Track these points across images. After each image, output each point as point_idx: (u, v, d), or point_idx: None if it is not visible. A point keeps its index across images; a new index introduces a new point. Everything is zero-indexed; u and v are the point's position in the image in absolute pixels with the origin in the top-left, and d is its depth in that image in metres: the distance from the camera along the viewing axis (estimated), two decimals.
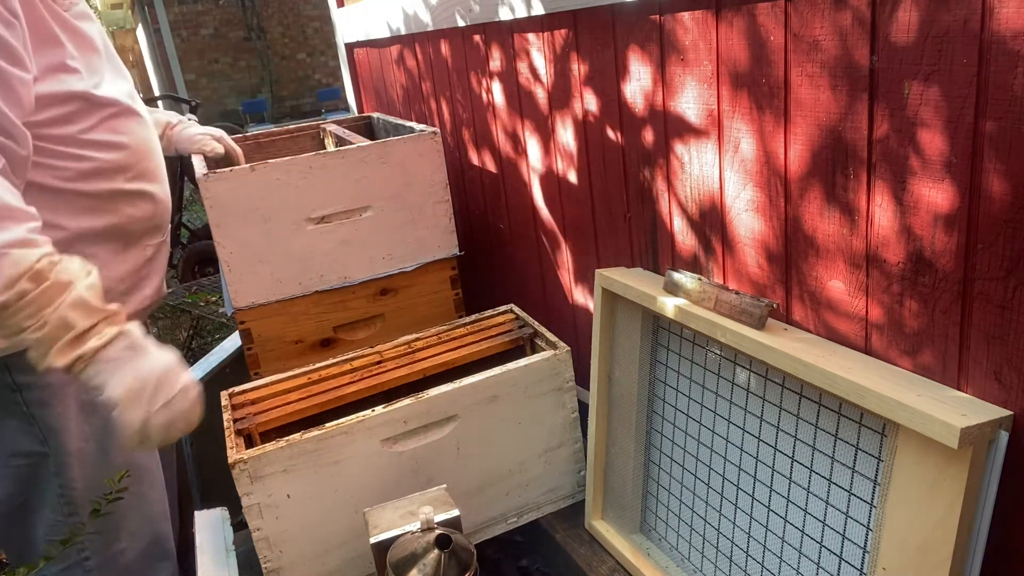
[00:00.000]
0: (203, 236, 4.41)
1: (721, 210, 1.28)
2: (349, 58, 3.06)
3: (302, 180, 1.67)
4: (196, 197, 5.85)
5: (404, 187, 1.78)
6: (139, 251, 1.45)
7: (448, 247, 1.87)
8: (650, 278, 1.41)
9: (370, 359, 1.62)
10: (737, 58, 1.16)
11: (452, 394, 1.43)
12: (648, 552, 1.46)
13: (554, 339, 1.56)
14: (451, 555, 1.12)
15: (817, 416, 1.09)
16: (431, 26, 2.11)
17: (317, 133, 2.41)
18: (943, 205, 0.92)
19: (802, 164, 1.09)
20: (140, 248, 1.45)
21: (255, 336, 1.74)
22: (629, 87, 1.42)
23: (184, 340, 3.23)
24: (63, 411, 1.35)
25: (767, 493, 1.20)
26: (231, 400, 1.52)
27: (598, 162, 1.58)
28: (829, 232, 1.08)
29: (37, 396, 1.33)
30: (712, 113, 1.23)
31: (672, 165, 1.37)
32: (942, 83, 0.88)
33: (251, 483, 1.30)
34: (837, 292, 1.09)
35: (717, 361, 1.27)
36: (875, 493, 1.01)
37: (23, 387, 1.31)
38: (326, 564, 1.39)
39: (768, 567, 1.21)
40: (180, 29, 11.30)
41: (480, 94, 2.01)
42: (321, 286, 1.76)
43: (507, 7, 1.70)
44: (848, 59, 0.98)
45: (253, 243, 1.66)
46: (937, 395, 0.93)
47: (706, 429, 1.31)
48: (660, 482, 1.45)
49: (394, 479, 1.41)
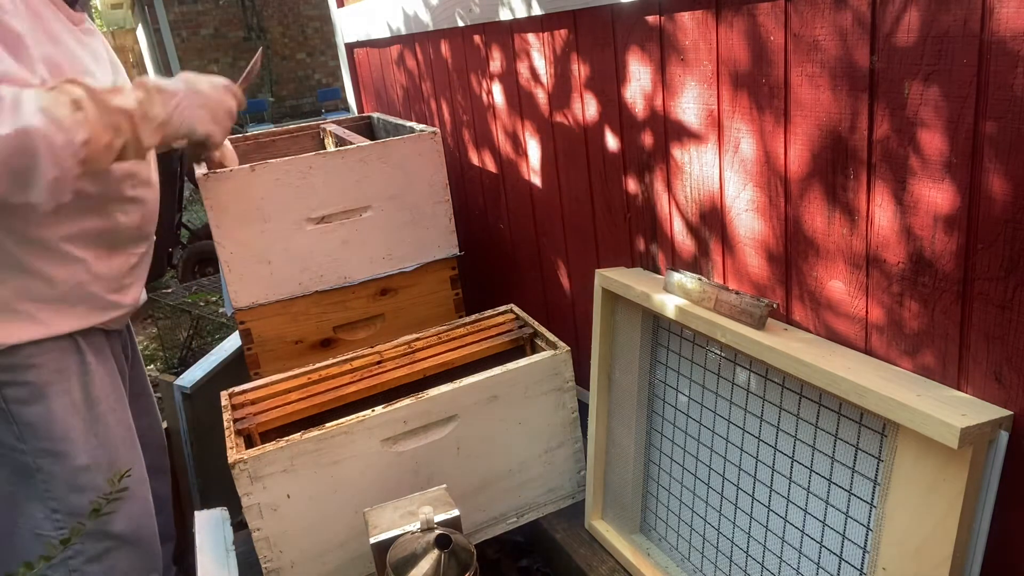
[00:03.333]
0: (203, 236, 4.41)
1: (721, 210, 1.28)
2: (349, 58, 3.06)
3: (302, 180, 1.67)
4: (196, 197, 5.86)
5: (404, 187, 1.78)
6: (124, 258, 1.46)
7: (448, 247, 1.86)
8: (650, 278, 1.41)
9: (370, 359, 1.62)
10: (737, 58, 1.16)
11: (452, 394, 1.43)
12: (648, 552, 1.46)
13: (554, 339, 1.56)
14: (451, 555, 1.12)
15: (817, 416, 1.09)
16: (431, 26, 2.12)
17: (317, 133, 2.41)
18: (943, 205, 0.92)
19: (802, 164, 1.10)
20: (125, 255, 1.46)
21: (255, 336, 1.74)
22: (629, 87, 1.42)
23: (184, 340, 3.23)
24: (44, 411, 1.35)
25: (767, 493, 1.20)
26: (231, 400, 1.52)
27: (598, 162, 1.58)
28: (829, 232, 1.08)
29: (17, 394, 1.33)
30: (712, 113, 1.23)
31: (672, 165, 1.37)
32: (942, 83, 0.88)
33: (251, 483, 1.30)
34: (837, 292, 1.09)
35: (717, 361, 1.27)
36: (875, 493, 1.01)
37: (3, 384, 1.32)
38: (326, 564, 1.39)
39: (768, 567, 1.21)
40: (180, 29, 11.30)
41: (480, 94, 2.01)
42: (321, 286, 1.76)
43: (507, 7, 1.70)
44: (848, 59, 0.98)
45: (253, 243, 1.66)
46: (937, 395, 0.93)
47: (706, 429, 1.31)
48: (660, 482, 1.45)
49: (394, 479, 1.41)
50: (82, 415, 1.39)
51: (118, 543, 1.46)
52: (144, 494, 1.53)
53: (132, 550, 1.49)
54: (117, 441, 1.46)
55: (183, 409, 1.99)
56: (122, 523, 1.45)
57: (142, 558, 1.51)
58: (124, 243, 1.45)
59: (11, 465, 1.38)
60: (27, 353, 1.32)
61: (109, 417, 1.44)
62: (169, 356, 3.26)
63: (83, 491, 1.40)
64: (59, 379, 1.36)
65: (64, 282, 1.34)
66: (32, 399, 1.34)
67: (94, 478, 1.41)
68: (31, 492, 1.39)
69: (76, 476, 1.39)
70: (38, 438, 1.35)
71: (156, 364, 3.43)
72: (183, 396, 1.98)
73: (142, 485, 1.52)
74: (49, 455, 1.37)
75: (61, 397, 1.36)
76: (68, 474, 1.39)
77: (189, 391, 1.98)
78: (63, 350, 1.37)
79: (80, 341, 1.39)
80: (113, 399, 1.46)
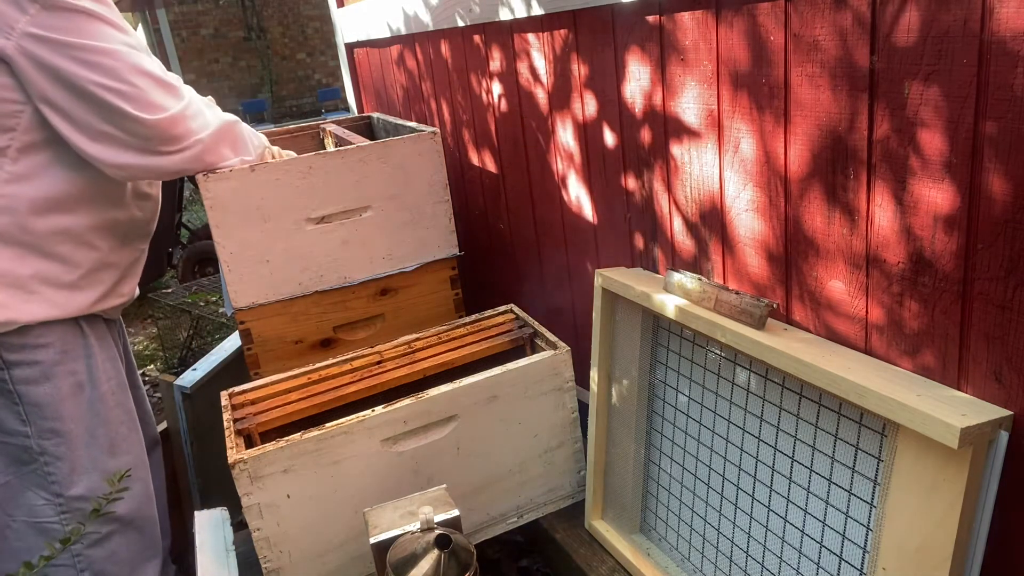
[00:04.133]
0: (203, 236, 4.41)
1: (721, 210, 1.28)
2: (349, 58, 3.06)
3: (302, 180, 1.67)
4: (196, 197, 5.85)
5: (404, 187, 1.78)
6: (129, 252, 1.56)
7: (448, 247, 1.86)
8: (650, 278, 1.41)
9: (370, 359, 1.62)
10: (737, 58, 1.16)
11: (452, 394, 1.43)
12: (648, 552, 1.46)
13: (554, 339, 1.56)
14: (451, 555, 1.12)
15: (817, 416, 1.09)
16: (431, 26, 2.11)
17: (317, 133, 2.41)
18: (943, 205, 0.92)
19: (802, 164, 1.09)
20: (131, 249, 1.56)
21: (255, 336, 1.73)
22: (629, 87, 1.42)
23: (184, 340, 3.23)
24: (52, 390, 1.41)
25: (767, 493, 1.20)
26: (231, 400, 1.52)
27: (598, 162, 1.58)
28: (829, 232, 1.08)
29: (25, 373, 1.39)
30: (712, 113, 1.23)
31: (672, 165, 1.37)
32: (942, 83, 0.88)
33: (251, 483, 1.30)
34: (837, 292, 1.09)
35: (717, 361, 1.27)
36: (875, 493, 1.01)
37: (12, 364, 1.38)
38: (326, 564, 1.39)
39: (768, 567, 1.21)
40: (180, 29, 11.29)
41: (480, 94, 2.01)
42: (321, 286, 1.76)
43: (507, 7, 1.70)
44: (848, 59, 0.98)
45: (253, 243, 1.66)
46: (937, 395, 0.93)
47: (706, 429, 1.31)
48: (660, 482, 1.45)
49: (394, 479, 1.41)
50: (87, 396, 1.46)
51: (120, 526, 1.50)
52: (144, 476, 1.58)
53: (134, 534, 1.53)
54: (118, 423, 1.51)
55: (183, 409, 1.99)
56: (124, 506, 1.48)
57: (143, 542, 1.56)
58: (134, 237, 1.56)
59: (10, 453, 1.42)
60: (37, 333, 1.39)
61: (110, 400, 1.50)
62: (169, 356, 3.26)
63: (86, 472, 1.45)
64: (66, 360, 1.42)
65: (80, 268, 1.43)
66: (40, 379, 1.40)
67: (97, 459, 1.46)
68: (31, 480, 1.43)
69: (80, 456, 1.44)
70: (44, 418, 1.41)
71: (156, 364, 3.43)
72: (183, 396, 1.99)
73: (142, 468, 1.57)
74: (54, 435, 1.42)
75: (67, 378, 1.43)
76: (72, 455, 1.43)
77: (189, 391, 1.99)
78: (71, 332, 1.44)
79: (84, 326, 1.46)
80: (115, 383, 1.52)
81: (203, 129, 1.46)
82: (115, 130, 1.33)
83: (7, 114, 1.31)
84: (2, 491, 1.43)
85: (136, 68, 1.34)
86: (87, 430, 1.45)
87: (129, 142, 1.35)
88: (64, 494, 1.44)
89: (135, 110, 1.33)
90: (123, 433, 1.52)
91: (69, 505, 1.44)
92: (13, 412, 1.40)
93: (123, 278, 1.55)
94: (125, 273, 1.56)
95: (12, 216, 1.34)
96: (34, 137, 1.34)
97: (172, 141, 1.40)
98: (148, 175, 1.46)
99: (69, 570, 1.46)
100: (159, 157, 1.39)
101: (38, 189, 1.36)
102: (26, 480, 1.43)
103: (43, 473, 1.43)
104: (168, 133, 1.38)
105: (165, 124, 1.37)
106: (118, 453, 1.50)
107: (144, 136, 1.35)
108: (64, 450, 1.43)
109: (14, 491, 1.43)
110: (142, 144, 1.36)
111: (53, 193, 1.37)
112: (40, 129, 1.34)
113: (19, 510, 1.43)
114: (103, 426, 1.48)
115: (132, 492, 1.50)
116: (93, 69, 1.29)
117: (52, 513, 1.44)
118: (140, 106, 1.33)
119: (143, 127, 1.34)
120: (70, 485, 1.44)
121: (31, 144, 1.34)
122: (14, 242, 1.35)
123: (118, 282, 1.53)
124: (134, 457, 1.54)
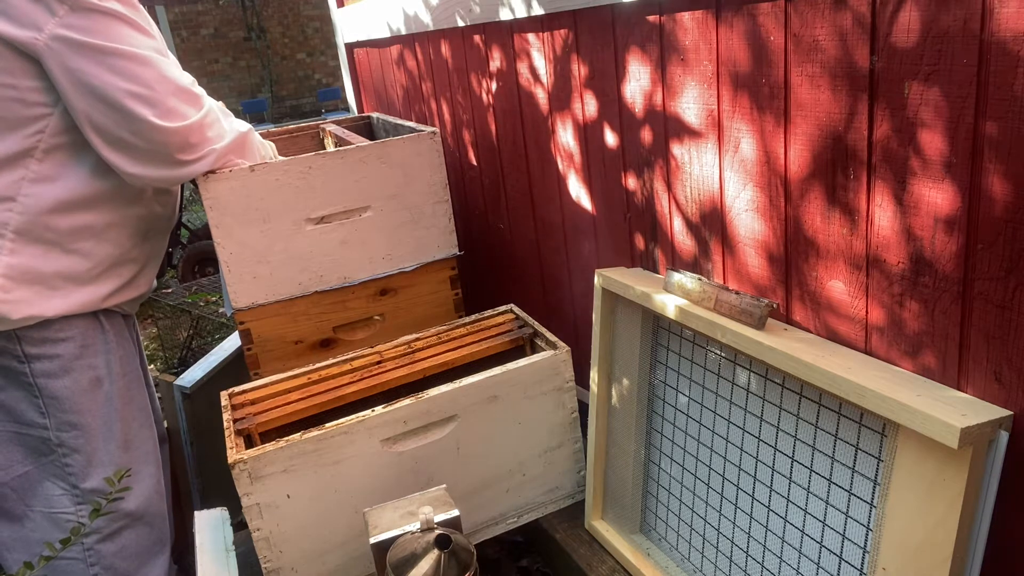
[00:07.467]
0: (203, 236, 4.41)
1: (721, 210, 1.28)
2: (349, 58, 3.06)
3: (301, 180, 1.67)
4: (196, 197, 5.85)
5: (404, 187, 1.78)
6: (150, 246, 1.58)
7: (448, 247, 1.86)
8: (650, 278, 1.41)
9: (370, 359, 1.62)
10: (737, 59, 1.16)
11: (452, 394, 1.43)
12: (648, 552, 1.46)
13: (554, 339, 1.56)
14: (451, 555, 1.12)
15: (817, 416, 1.09)
16: (431, 26, 2.11)
17: (317, 133, 2.41)
18: (943, 206, 0.92)
19: (802, 164, 1.10)
20: (151, 244, 1.58)
21: (255, 336, 1.73)
22: (629, 87, 1.42)
23: (184, 340, 3.23)
24: (71, 383, 1.43)
25: (767, 493, 1.20)
26: (231, 400, 1.52)
27: (598, 162, 1.58)
28: (829, 233, 1.08)
29: (45, 367, 1.40)
30: (712, 113, 1.23)
31: (672, 165, 1.37)
32: (942, 83, 0.88)
33: (251, 483, 1.30)
34: (837, 292, 1.09)
35: (717, 361, 1.27)
36: (875, 493, 1.01)
37: (32, 358, 1.40)
38: (326, 564, 1.39)
39: (768, 567, 1.21)
40: (180, 29, 11.29)
41: (480, 94, 2.01)
42: (321, 286, 1.76)
43: (507, 7, 1.70)
44: (848, 60, 0.98)
45: (253, 243, 1.66)
46: (937, 395, 0.93)
47: (706, 429, 1.31)
48: (660, 482, 1.45)
49: (394, 479, 1.41)
50: (104, 390, 1.48)
51: (131, 521, 1.52)
52: (156, 472, 1.59)
53: (144, 528, 1.55)
54: (132, 418, 1.53)
55: (183, 409, 1.99)
56: (134, 501, 1.51)
57: (153, 535, 1.57)
58: (154, 232, 1.59)
59: (29, 444, 1.44)
60: (58, 327, 1.41)
61: (126, 394, 1.52)
62: (169, 356, 3.26)
63: (102, 465, 1.47)
64: (85, 354, 1.45)
65: (102, 263, 1.45)
66: (59, 372, 1.42)
67: (113, 452, 1.48)
68: (48, 470, 1.45)
69: (96, 449, 1.46)
70: (63, 411, 1.43)
71: (156, 364, 3.42)
72: (183, 396, 1.99)
73: (154, 463, 1.59)
74: (72, 428, 1.44)
75: (86, 372, 1.45)
76: (89, 447, 1.46)
77: (189, 391, 1.99)
78: (91, 327, 1.46)
79: (104, 321, 1.48)
80: (131, 378, 1.54)
81: (219, 139, 1.47)
82: (132, 136, 1.34)
83: (36, 117, 1.33)
84: (21, 481, 1.45)
85: (160, 74, 1.34)
86: (104, 424, 1.47)
87: (144, 149, 1.36)
88: (80, 486, 1.46)
89: (155, 117, 1.33)
90: (136, 428, 1.54)
91: (85, 497, 1.46)
92: (33, 404, 1.42)
93: (141, 271, 1.57)
94: (144, 266, 1.58)
95: (36, 214, 1.35)
96: (61, 139, 1.36)
97: (188, 149, 1.41)
98: (160, 183, 1.47)
99: (80, 564, 1.47)
100: (172, 167, 1.41)
101: (63, 188, 1.37)
102: (44, 471, 1.45)
103: (61, 464, 1.45)
104: (186, 141, 1.39)
105: (183, 132, 1.38)
106: (132, 448, 1.53)
107: (161, 143, 1.36)
108: (82, 443, 1.45)
109: (32, 481, 1.46)
110: (157, 151, 1.37)
111: (77, 192, 1.39)
112: (67, 132, 1.36)
113: (37, 500, 1.46)
114: (119, 421, 1.50)
115: (143, 487, 1.53)
116: (117, 73, 1.30)
117: (69, 504, 1.46)
118: (160, 113, 1.34)
119: (161, 134, 1.35)
120: (86, 477, 1.46)
121: (57, 146, 1.36)
122: (37, 239, 1.36)
123: (136, 275, 1.55)
124: (147, 452, 1.56)
